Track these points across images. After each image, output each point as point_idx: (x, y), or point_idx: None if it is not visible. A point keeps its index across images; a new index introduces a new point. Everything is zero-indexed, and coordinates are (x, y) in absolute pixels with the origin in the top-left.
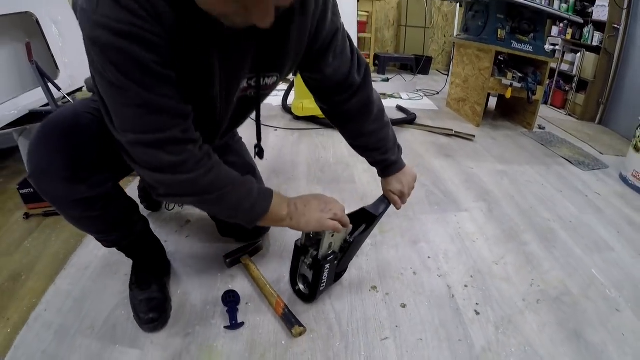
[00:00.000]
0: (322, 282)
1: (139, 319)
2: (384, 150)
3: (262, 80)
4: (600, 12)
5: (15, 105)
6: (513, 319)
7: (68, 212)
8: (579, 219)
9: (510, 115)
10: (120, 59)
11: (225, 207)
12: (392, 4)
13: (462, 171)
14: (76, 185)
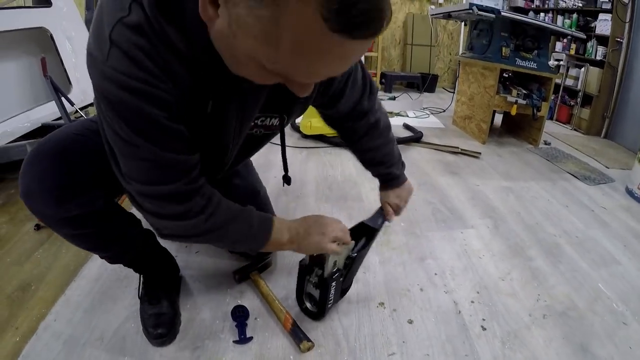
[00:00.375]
0: (330, 300)
1: (148, 333)
2: (389, 165)
3: (269, 120)
4: (603, 27)
5: (27, 118)
6: (519, 334)
7: (61, 230)
8: (584, 234)
9: (515, 131)
10: (129, 115)
11: (228, 241)
12: (398, 23)
13: (468, 188)
14: (66, 205)
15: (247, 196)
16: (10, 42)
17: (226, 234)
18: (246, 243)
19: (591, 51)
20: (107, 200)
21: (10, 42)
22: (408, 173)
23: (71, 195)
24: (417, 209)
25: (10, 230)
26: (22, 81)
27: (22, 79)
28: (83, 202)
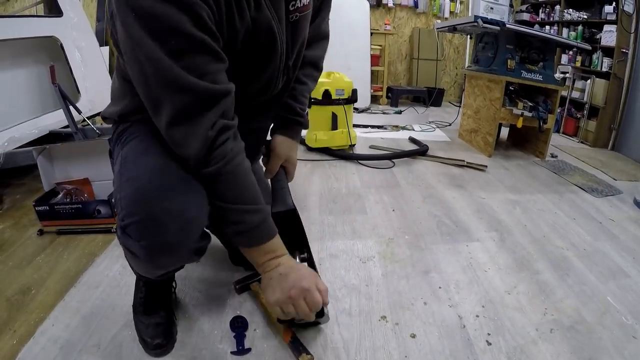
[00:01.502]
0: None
1: (145, 343)
2: (303, 107)
3: (300, 1)
4: (608, 38)
5: (35, 125)
6: (525, 349)
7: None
8: (593, 246)
9: (522, 144)
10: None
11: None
12: (404, 37)
13: (474, 201)
14: (195, 256)
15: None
16: (21, 50)
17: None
18: (235, 227)
19: (597, 63)
20: None
21: (21, 50)
22: (413, 186)
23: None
24: (422, 222)
25: (13, 235)
26: (32, 89)
27: (32, 86)
28: (201, 251)
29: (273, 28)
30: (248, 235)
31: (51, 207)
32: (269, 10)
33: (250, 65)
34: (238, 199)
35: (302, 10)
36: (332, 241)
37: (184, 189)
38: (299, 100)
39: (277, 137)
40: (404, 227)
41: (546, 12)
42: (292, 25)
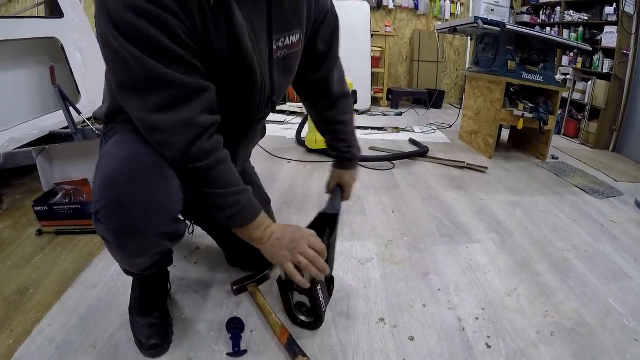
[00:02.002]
0: (322, 302)
1: (141, 344)
2: (351, 144)
3: (289, 39)
4: (609, 39)
5: (35, 125)
6: (526, 352)
7: (130, 260)
8: (594, 248)
9: (523, 146)
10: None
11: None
12: (405, 39)
13: (474, 203)
14: (164, 242)
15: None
16: (22, 51)
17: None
18: (225, 217)
19: (598, 64)
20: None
21: (22, 51)
22: (413, 187)
23: (171, 230)
24: (422, 224)
25: (12, 235)
26: (32, 89)
27: (33, 87)
28: (174, 238)
29: (254, 62)
30: (243, 214)
31: (50, 207)
32: (252, 43)
33: (231, 93)
34: (229, 183)
35: (291, 47)
36: None
37: (151, 174)
38: (343, 140)
39: (333, 170)
40: (404, 229)
41: (547, 13)
42: (281, 62)
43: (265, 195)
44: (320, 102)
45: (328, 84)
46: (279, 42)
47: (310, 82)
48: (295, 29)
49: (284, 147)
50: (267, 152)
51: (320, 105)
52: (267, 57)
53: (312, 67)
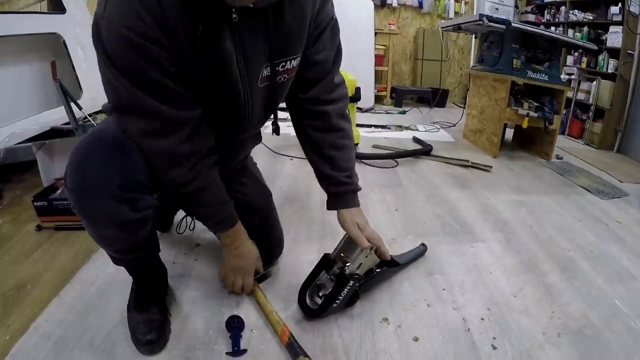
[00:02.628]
0: (338, 300)
1: (137, 340)
2: (352, 173)
3: (290, 63)
4: (614, 39)
5: (36, 121)
6: (532, 354)
7: (99, 231)
8: (599, 249)
9: (527, 145)
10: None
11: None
12: (409, 37)
13: (479, 202)
14: (123, 206)
15: (260, 195)
16: (24, 47)
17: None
18: (206, 221)
19: (602, 64)
20: (154, 208)
21: (24, 47)
22: (417, 185)
23: (130, 195)
24: (426, 222)
25: (11, 230)
26: (34, 85)
27: (34, 83)
28: (138, 206)
29: (239, 88)
30: (219, 225)
31: (50, 202)
32: (240, 70)
33: (218, 113)
34: (212, 202)
35: (290, 72)
36: (334, 241)
37: (112, 143)
38: (342, 168)
39: (338, 213)
40: (407, 227)
41: (551, 13)
42: (279, 86)
43: (266, 189)
44: (314, 124)
45: (324, 102)
46: (279, 66)
47: (302, 101)
48: (297, 53)
49: (286, 145)
50: (269, 148)
51: (315, 127)
52: (258, 81)
53: (304, 84)
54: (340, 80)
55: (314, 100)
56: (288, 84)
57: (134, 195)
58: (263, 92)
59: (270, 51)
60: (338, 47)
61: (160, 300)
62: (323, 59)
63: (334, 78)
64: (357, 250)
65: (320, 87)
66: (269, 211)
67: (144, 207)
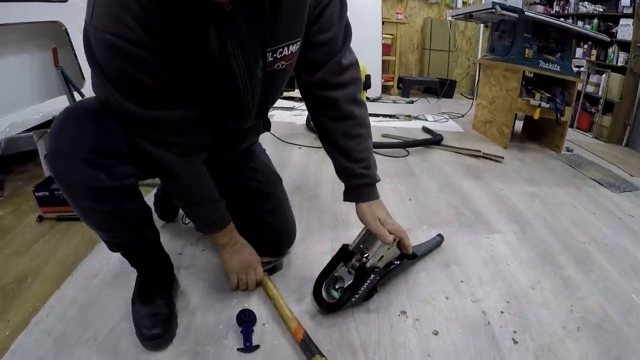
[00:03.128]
0: (357, 294)
1: (141, 335)
2: (370, 164)
3: (288, 49)
4: (624, 32)
5: (38, 110)
6: (553, 348)
7: (80, 201)
8: (614, 242)
9: (537, 137)
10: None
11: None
12: (416, 27)
13: (492, 192)
14: (97, 171)
15: (270, 180)
16: (25, 36)
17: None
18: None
19: (612, 57)
20: (136, 180)
21: (25, 36)
22: (429, 175)
23: (105, 161)
24: (440, 212)
25: (12, 222)
26: (36, 75)
27: (36, 72)
28: (114, 173)
29: (238, 84)
30: (213, 225)
31: (51, 192)
32: (237, 66)
33: (215, 106)
34: (203, 198)
35: (289, 58)
36: (346, 230)
37: (87, 113)
38: (357, 159)
39: (357, 207)
40: (422, 217)
41: (560, 4)
42: (277, 74)
43: (276, 175)
44: (325, 112)
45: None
46: (276, 53)
47: (310, 85)
48: (297, 38)
49: (293, 133)
50: (277, 137)
51: (326, 115)
52: (257, 70)
53: (309, 67)
54: (351, 62)
55: (321, 84)
56: (288, 70)
57: (110, 161)
58: (262, 81)
59: (268, 38)
60: (347, 26)
61: (165, 292)
62: (328, 39)
63: (342, 59)
64: (379, 242)
65: (327, 69)
66: (279, 197)
67: (121, 175)
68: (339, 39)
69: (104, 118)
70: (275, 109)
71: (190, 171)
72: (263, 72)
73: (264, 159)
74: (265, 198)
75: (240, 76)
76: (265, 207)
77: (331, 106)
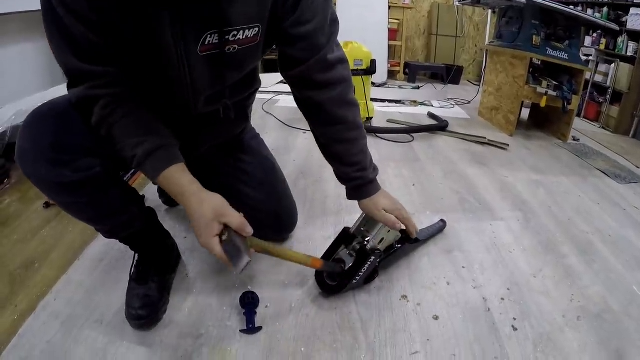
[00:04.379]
0: (358, 276)
1: (128, 312)
2: (363, 166)
3: (243, 33)
4: (634, 21)
5: (43, 98)
6: (552, 337)
7: (56, 197)
8: (618, 233)
9: (543, 125)
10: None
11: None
12: (423, 12)
13: (497, 179)
14: (59, 168)
15: (263, 171)
16: (29, 24)
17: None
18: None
19: (622, 47)
20: (105, 169)
21: (29, 24)
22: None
23: (66, 157)
24: (444, 198)
25: (19, 208)
26: (40, 63)
27: (40, 61)
28: (78, 167)
29: (172, 58)
30: (143, 170)
31: None
32: (174, 37)
33: (154, 84)
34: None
35: (243, 43)
36: (350, 215)
37: (48, 114)
38: (351, 163)
39: (360, 204)
40: (425, 203)
41: None
42: (227, 57)
43: (268, 160)
44: (312, 117)
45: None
46: (228, 35)
47: (292, 84)
48: (254, 23)
49: (298, 118)
50: (282, 122)
51: (314, 120)
52: (198, 50)
53: (289, 64)
54: (338, 59)
55: (305, 83)
56: (242, 58)
57: (72, 157)
58: (207, 62)
59: (218, 17)
60: (332, 17)
61: (160, 276)
62: (307, 33)
63: (326, 56)
64: (379, 225)
65: (311, 67)
66: (273, 182)
67: (85, 167)
68: (323, 32)
69: (66, 114)
70: (280, 94)
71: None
72: (210, 52)
73: (255, 146)
74: (260, 185)
75: (177, 50)
76: (261, 194)
77: (319, 110)
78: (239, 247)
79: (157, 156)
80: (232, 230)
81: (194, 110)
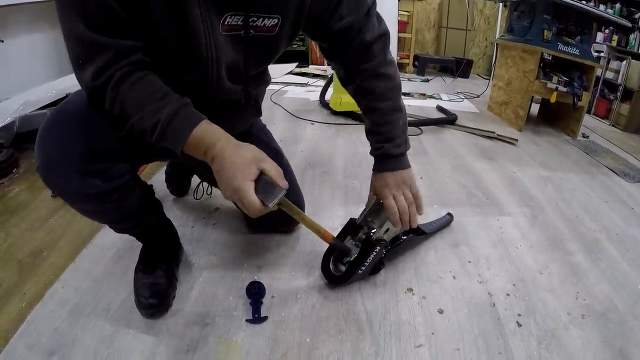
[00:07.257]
0: (363, 266)
1: (139, 302)
2: (387, 136)
3: (262, 21)
4: None
5: (52, 87)
6: (557, 334)
7: (79, 206)
8: (625, 232)
9: (553, 121)
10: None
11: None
12: (434, 4)
13: (505, 174)
14: (90, 179)
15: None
16: (37, 15)
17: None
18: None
19: (634, 44)
20: (133, 174)
21: (37, 15)
22: (442, 154)
23: (98, 167)
24: (451, 192)
25: (28, 198)
26: (49, 53)
27: (49, 51)
28: (111, 175)
29: (199, 32)
30: (167, 136)
31: None
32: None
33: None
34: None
35: (261, 30)
36: (357, 206)
37: (74, 118)
38: (376, 132)
39: (372, 175)
40: (433, 196)
41: None
42: (249, 40)
43: (276, 152)
44: (350, 84)
45: (357, 64)
46: (250, 20)
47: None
48: (273, 14)
49: (307, 109)
50: (290, 113)
51: (352, 87)
52: (219, 28)
53: (332, 53)
54: (375, 37)
55: (345, 63)
56: (266, 46)
57: (103, 165)
58: (229, 42)
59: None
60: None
61: (167, 264)
62: (347, 25)
63: (365, 38)
64: (384, 215)
65: (351, 52)
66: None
67: (116, 175)
68: (360, 18)
69: (90, 117)
70: (289, 85)
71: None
72: (234, 33)
73: (262, 137)
74: None
75: (204, 24)
76: None
77: (353, 80)
78: (271, 182)
79: (184, 114)
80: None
81: (215, 92)
